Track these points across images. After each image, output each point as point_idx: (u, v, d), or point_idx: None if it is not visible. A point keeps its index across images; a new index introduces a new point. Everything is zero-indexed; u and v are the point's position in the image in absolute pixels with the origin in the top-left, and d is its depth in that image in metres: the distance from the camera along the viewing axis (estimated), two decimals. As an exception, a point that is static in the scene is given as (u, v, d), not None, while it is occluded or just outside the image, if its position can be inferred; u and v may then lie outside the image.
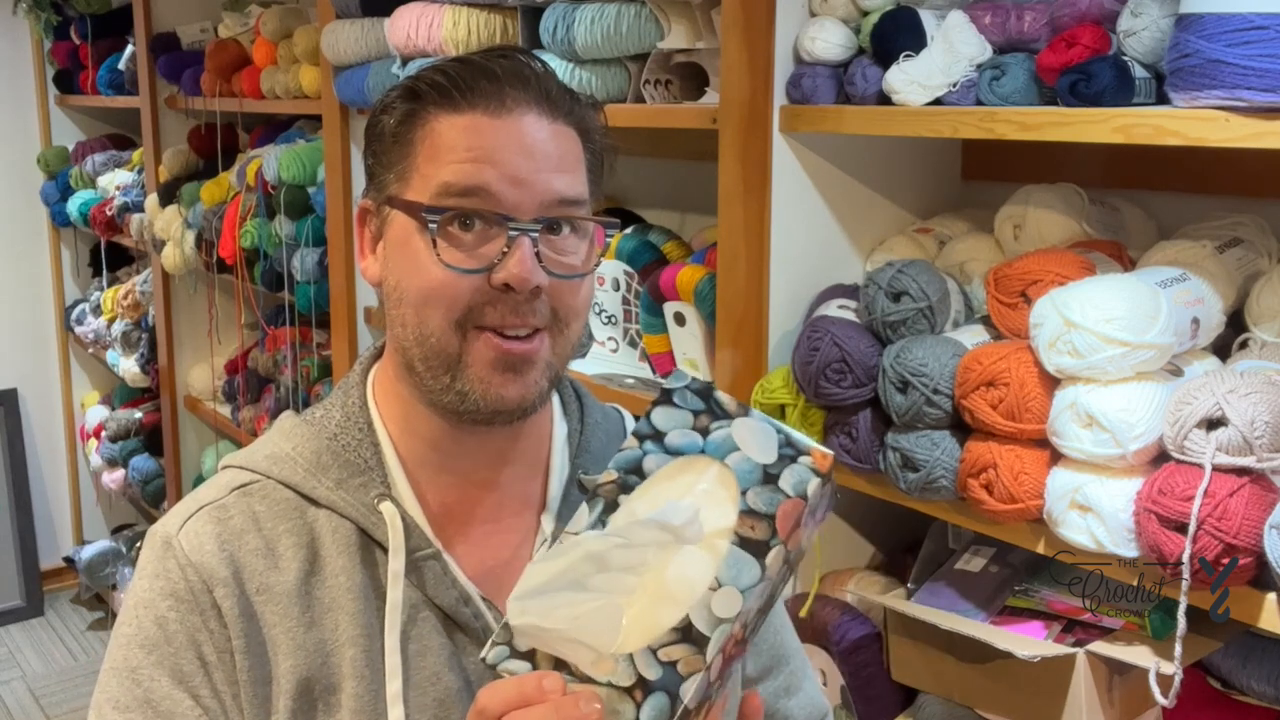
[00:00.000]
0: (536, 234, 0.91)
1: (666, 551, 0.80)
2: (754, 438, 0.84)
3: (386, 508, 0.96)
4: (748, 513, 0.81)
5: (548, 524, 1.01)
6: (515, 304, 0.91)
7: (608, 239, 0.98)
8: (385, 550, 0.96)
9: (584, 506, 0.86)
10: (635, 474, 0.85)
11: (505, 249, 0.90)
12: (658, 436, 0.86)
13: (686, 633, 0.78)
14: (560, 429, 1.06)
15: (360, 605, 0.94)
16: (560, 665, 0.79)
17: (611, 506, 0.84)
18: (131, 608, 0.95)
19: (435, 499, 0.99)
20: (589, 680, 0.78)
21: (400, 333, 0.95)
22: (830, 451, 0.85)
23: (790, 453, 0.84)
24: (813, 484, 0.83)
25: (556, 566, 0.78)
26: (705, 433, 0.85)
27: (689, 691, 0.77)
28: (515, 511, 1.02)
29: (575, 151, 0.95)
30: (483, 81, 0.92)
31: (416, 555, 0.96)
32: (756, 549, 0.80)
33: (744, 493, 0.82)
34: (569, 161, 0.94)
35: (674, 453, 0.85)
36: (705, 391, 0.87)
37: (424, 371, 0.94)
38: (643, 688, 0.77)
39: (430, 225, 0.91)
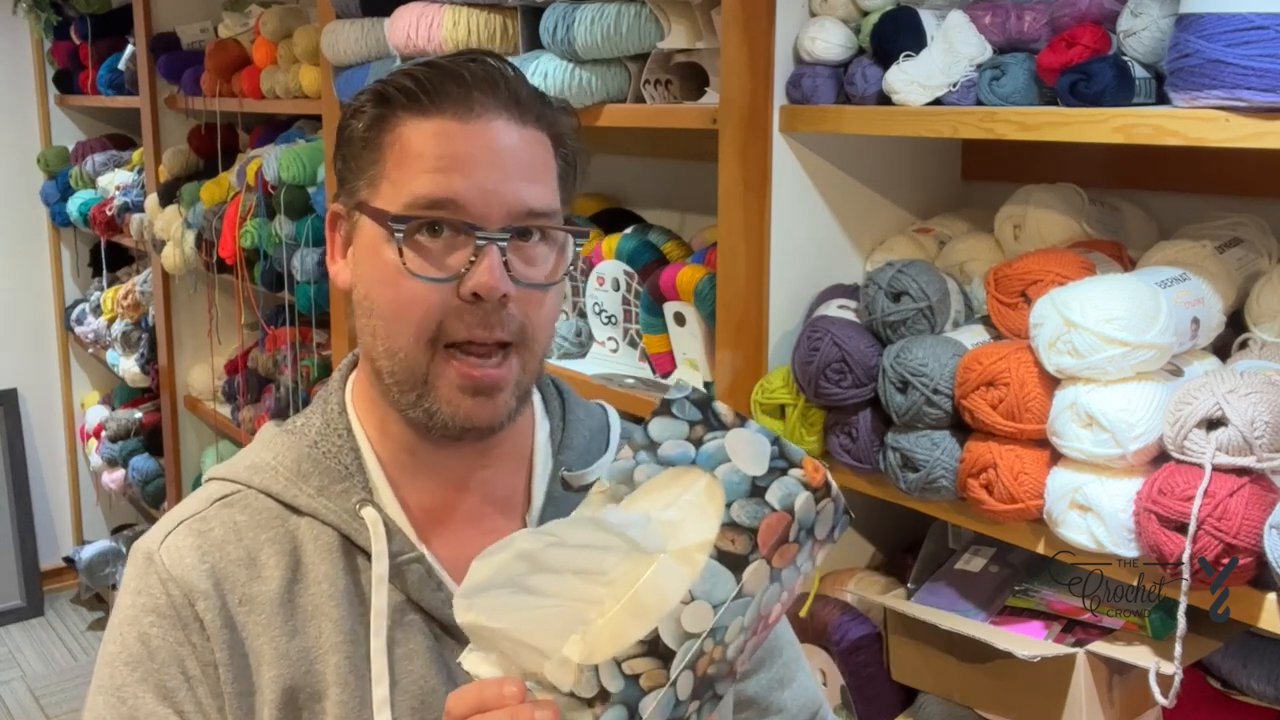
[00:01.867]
0: (505, 243, 0.90)
1: (639, 562, 0.78)
2: (746, 449, 0.82)
3: (368, 513, 0.96)
4: (730, 525, 0.79)
5: (532, 523, 1.01)
6: (484, 315, 0.90)
7: (577, 247, 0.97)
8: (368, 555, 0.95)
9: (573, 515, 0.84)
10: (626, 484, 0.83)
11: (473, 258, 0.89)
12: (652, 447, 0.84)
13: (653, 646, 0.76)
14: (542, 427, 1.05)
15: (344, 611, 0.94)
16: (530, 675, 0.78)
17: None
18: (116, 625, 0.95)
19: (416, 502, 0.99)
20: (554, 689, 0.76)
21: (370, 343, 0.94)
22: (824, 466, 0.83)
23: (781, 464, 0.82)
24: (801, 497, 0.80)
25: (494, 563, 0.77)
26: (699, 443, 0.83)
27: (649, 707, 0.75)
28: (499, 510, 1.01)
29: (545, 159, 0.95)
30: (450, 85, 0.91)
31: (400, 559, 0.95)
32: (734, 563, 0.78)
33: (729, 505, 0.80)
34: (538, 170, 0.93)
35: (666, 463, 0.83)
36: (704, 402, 0.85)
37: (392, 385, 0.93)
38: (603, 700, 0.75)
39: (397, 234, 0.90)
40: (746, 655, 0.82)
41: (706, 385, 1.76)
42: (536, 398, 1.06)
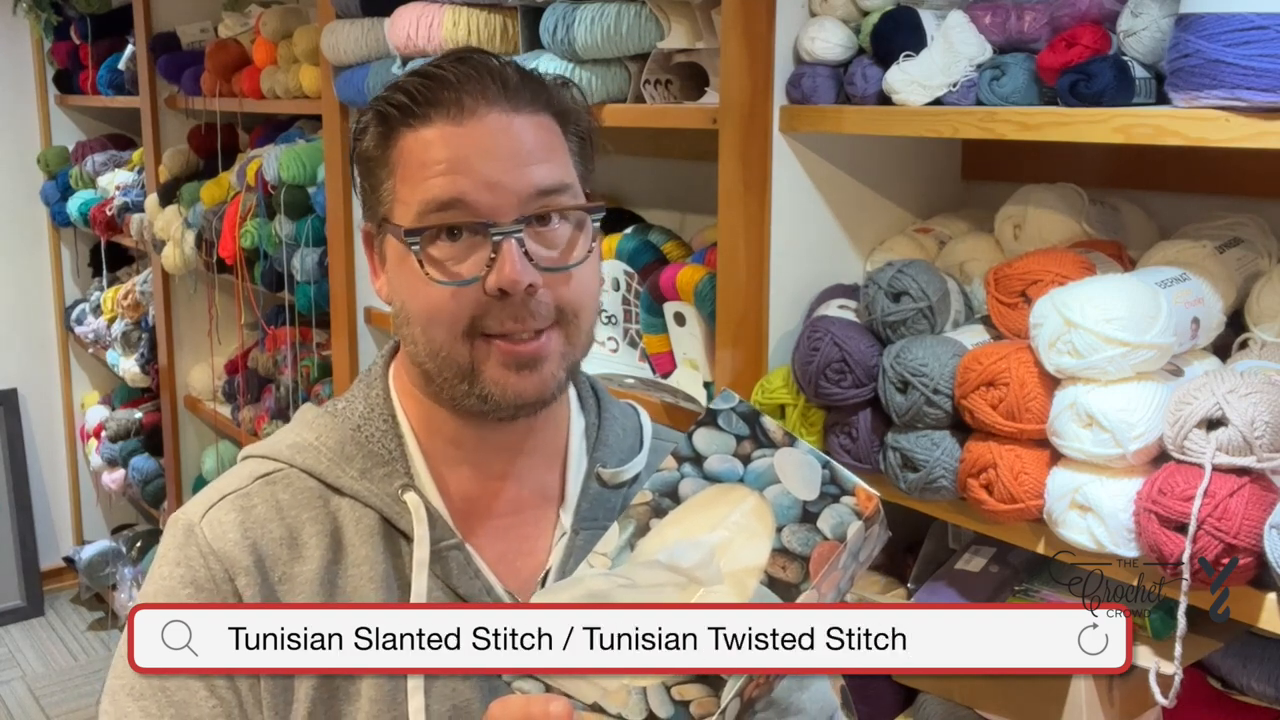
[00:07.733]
0: (520, 234, 0.91)
1: (687, 590, 0.77)
2: (797, 471, 0.81)
3: (411, 498, 0.97)
4: (781, 551, 0.78)
5: (566, 517, 1.02)
6: (514, 308, 0.91)
7: (594, 222, 0.97)
8: (408, 540, 0.97)
9: (614, 527, 0.84)
10: (670, 497, 0.82)
11: (492, 255, 0.90)
12: (697, 460, 0.83)
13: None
14: (578, 423, 1.07)
15: (383, 595, 0.95)
16: (575, 697, 0.77)
17: (643, 530, 0.82)
18: (151, 595, 0.95)
19: (457, 490, 1.00)
20: (600, 710, 0.76)
21: (413, 350, 0.96)
22: (875, 493, 0.81)
23: (833, 491, 0.80)
24: (853, 527, 0.79)
25: (562, 598, 0.77)
26: (747, 460, 0.82)
27: None
28: (534, 504, 1.03)
29: (548, 138, 0.95)
30: (440, 91, 0.93)
31: (440, 545, 0.97)
32: (785, 591, 0.77)
33: (780, 529, 0.79)
34: (543, 150, 0.94)
35: (712, 479, 0.82)
36: (751, 416, 0.83)
37: (443, 384, 0.95)
38: None
39: (413, 247, 0.92)
40: (784, 674, 0.82)
41: (706, 385, 1.76)
42: (572, 393, 1.08)
